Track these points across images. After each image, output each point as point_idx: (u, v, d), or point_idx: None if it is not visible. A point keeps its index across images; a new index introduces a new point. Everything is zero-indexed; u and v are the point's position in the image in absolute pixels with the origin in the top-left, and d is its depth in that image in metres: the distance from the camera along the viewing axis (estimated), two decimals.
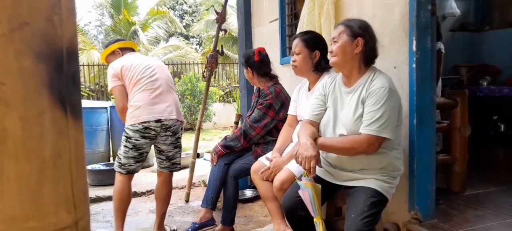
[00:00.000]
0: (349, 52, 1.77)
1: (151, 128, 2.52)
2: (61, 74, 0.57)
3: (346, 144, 1.73)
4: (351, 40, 1.76)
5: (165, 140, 2.67)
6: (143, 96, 2.52)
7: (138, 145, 2.54)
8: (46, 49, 0.56)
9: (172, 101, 2.65)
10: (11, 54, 0.53)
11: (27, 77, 0.54)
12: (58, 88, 0.57)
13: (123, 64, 2.58)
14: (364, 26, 1.79)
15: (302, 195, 1.75)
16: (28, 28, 0.54)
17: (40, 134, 0.55)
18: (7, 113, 0.53)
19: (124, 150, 2.54)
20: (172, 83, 2.77)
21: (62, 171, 0.59)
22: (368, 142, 1.67)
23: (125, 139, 2.53)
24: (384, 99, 1.67)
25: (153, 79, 2.58)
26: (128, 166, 2.56)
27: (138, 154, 2.57)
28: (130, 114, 2.52)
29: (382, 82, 1.71)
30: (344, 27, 1.80)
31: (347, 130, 1.76)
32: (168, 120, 2.57)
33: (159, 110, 2.53)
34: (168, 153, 2.74)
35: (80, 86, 0.63)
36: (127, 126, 2.53)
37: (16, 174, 0.54)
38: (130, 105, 2.54)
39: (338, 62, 1.81)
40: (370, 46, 1.78)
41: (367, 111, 1.70)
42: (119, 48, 2.77)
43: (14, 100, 0.53)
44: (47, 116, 0.56)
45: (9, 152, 0.54)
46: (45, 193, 0.57)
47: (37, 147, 0.55)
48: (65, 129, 0.58)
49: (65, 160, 0.59)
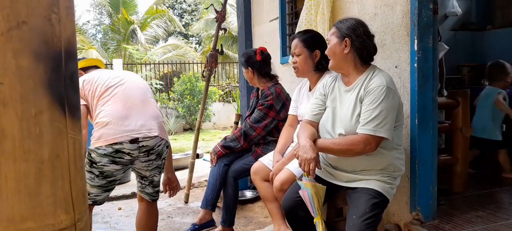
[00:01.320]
0: (339, 53, 1.80)
1: (125, 151, 1.91)
2: (59, 74, 0.57)
3: (343, 145, 1.72)
4: (340, 42, 1.79)
5: (148, 165, 2.08)
6: (111, 109, 1.94)
7: (106, 172, 1.94)
8: (45, 49, 0.55)
9: (151, 114, 2.04)
10: (9, 53, 0.52)
11: (25, 77, 0.54)
12: (56, 88, 0.56)
13: (84, 78, 2.08)
14: (352, 26, 1.80)
15: (302, 195, 1.75)
16: (26, 27, 0.53)
17: (38, 134, 0.55)
18: (5, 113, 0.52)
19: (88, 176, 1.92)
20: (151, 93, 2.20)
21: (61, 171, 0.58)
22: (365, 142, 1.66)
23: (89, 163, 1.91)
24: (381, 98, 1.66)
25: (123, 88, 2.03)
26: (95, 196, 1.98)
27: (108, 182, 1.98)
28: (94, 134, 1.93)
29: (381, 81, 1.71)
30: (335, 29, 1.84)
31: (345, 129, 1.76)
32: (148, 139, 1.95)
33: (134, 127, 1.93)
34: (153, 178, 2.15)
35: (78, 86, 0.62)
36: (90, 148, 1.93)
37: (14, 174, 0.54)
38: (95, 123, 1.96)
39: (332, 65, 1.86)
40: (359, 45, 1.77)
41: (364, 110, 1.70)
42: (80, 68, 2.19)
43: (12, 100, 0.53)
44: (46, 116, 0.55)
45: (7, 152, 0.53)
46: (43, 193, 0.57)
47: (35, 147, 0.55)
48: (64, 129, 0.58)
49: (63, 160, 0.58)
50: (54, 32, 0.58)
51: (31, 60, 0.56)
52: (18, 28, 0.54)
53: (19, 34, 0.54)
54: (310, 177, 1.70)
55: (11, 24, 0.53)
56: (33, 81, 0.56)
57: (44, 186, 0.58)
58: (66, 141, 0.60)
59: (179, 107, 9.49)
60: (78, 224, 0.63)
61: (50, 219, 0.58)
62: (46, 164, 0.58)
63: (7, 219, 0.55)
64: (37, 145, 0.57)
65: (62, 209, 0.60)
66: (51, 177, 0.59)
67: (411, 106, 2.12)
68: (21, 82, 0.55)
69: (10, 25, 0.53)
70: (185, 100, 9.38)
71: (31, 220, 0.57)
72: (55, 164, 0.60)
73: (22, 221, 0.56)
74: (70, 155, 0.62)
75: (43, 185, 0.58)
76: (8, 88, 0.54)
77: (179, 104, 9.58)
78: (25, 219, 0.57)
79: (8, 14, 0.53)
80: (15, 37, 0.54)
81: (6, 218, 0.55)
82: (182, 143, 7.61)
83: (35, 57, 0.56)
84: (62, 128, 0.59)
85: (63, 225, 0.60)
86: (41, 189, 0.58)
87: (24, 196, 0.56)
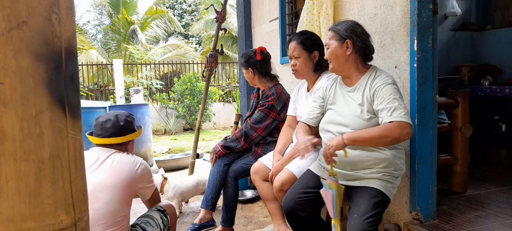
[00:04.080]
0: (341, 56, 1.82)
1: None
2: (60, 74, 0.57)
3: (376, 132, 1.68)
4: (341, 44, 1.81)
5: None
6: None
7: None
8: (45, 49, 0.55)
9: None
10: (9, 53, 0.52)
11: (26, 77, 0.54)
12: (57, 88, 0.56)
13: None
14: (351, 28, 1.82)
15: (324, 195, 1.71)
16: (27, 27, 0.53)
17: (39, 134, 0.55)
18: (5, 113, 0.52)
19: None
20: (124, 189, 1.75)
21: (61, 171, 0.58)
22: (401, 126, 1.64)
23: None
24: (395, 92, 1.71)
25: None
26: None
27: None
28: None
29: (387, 77, 1.77)
30: (332, 33, 1.85)
31: (352, 127, 1.77)
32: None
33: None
34: None
35: (78, 86, 0.62)
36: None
37: (15, 174, 0.54)
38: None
39: (334, 68, 1.87)
40: (361, 45, 1.81)
41: (385, 103, 1.70)
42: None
43: (13, 100, 0.53)
44: (46, 116, 0.55)
45: (7, 152, 0.53)
46: (43, 193, 0.57)
47: (35, 147, 0.55)
48: (64, 129, 0.58)
49: (64, 160, 0.58)
50: (54, 33, 0.58)
51: (31, 60, 0.56)
52: (19, 28, 0.54)
53: (20, 34, 0.55)
54: (334, 177, 1.70)
55: (11, 24, 0.53)
56: (34, 81, 0.56)
57: (44, 186, 0.58)
58: (67, 140, 0.60)
59: (179, 107, 9.50)
60: (79, 223, 0.63)
61: (51, 219, 0.58)
62: (47, 163, 0.58)
63: (7, 219, 0.55)
64: (38, 145, 0.57)
65: (62, 209, 0.60)
66: (52, 176, 0.59)
67: (411, 106, 2.12)
68: (22, 82, 0.55)
69: (10, 25, 0.53)
70: (185, 100, 9.38)
71: (32, 220, 0.57)
72: (56, 163, 0.60)
73: (23, 220, 0.56)
74: (70, 154, 0.62)
75: (43, 184, 0.58)
76: (8, 88, 0.54)
77: (179, 104, 9.59)
78: (25, 219, 0.57)
79: (8, 14, 0.53)
80: (16, 37, 0.54)
81: (6, 218, 0.55)
82: (182, 142, 7.61)
83: (35, 57, 0.56)
84: (63, 128, 0.59)
85: (64, 225, 0.60)
86: (42, 189, 0.58)
87: (25, 196, 0.56)
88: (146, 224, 1.86)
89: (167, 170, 4.77)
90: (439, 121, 2.63)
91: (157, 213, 1.94)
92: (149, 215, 1.93)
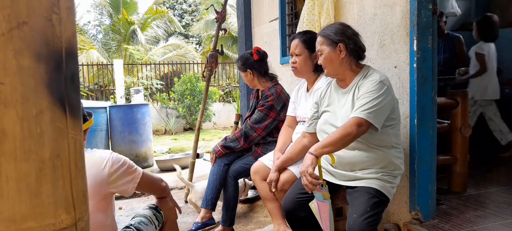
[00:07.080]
0: (335, 60, 1.82)
1: None
2: (60, 74, 0.57)
3: (337, 135, 1.68)
4: (333, 49, 1.81)
5: None
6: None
7: None
8: (45, 49, 0.55)
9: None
10: (10, 53, 0.52)
11: (26, 77, 0.54)
12: (57, 88, 0.56)
13: None
14: (340, 30, 1.82)
15: (317, 208, 1.67)
16: (27, 27, 0.54)
17: (39, 134, 0.55)
18: (6, 113, 0.53)
19: None
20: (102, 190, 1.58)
21: (61, 171, 0.58)
22: (357, 123, 1.65)
23: None
24: (372, 90, 1.69)
25: None
26: None
27: None
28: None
29: (375, 77, 1.75)
30: (323, 38, 1.85)
31: None
32: None
33: None
34: None
35: (79, 86, 0.63)
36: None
37: (15, 174, 0.54)
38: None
39: (330, 73, 1.88)
40: (353, 46, 1.81)
41: (360, 99, 1.72)
42: None
43: (13, 100, 0.53)
44: (46, 116, 0.55)
45: (8, 152, 0.53)
46: (44, 193, 0.57)
47: (36, 147, 0.55)
48: (64, 129, 0.58)
49: (64, 160, 0.58)
50: (55, 33, 0.58)
51: (32, 60, 0.56)
52: (19, 28, 0.55)
53: (20, 34, 0.55)
54: (325, 187, 1.67)
55: (12, 24, 0.53)
56: (34, 81, 0.56)
57: (44, 186, 0.58)
58: (67, 140, 0.61)
59: (180, 107, 9.50)
60: (79, 223, 0.63)
61: (51, 219, 0.59)
62: (47, 163, 0.58)
63: (8, 219, 0.55)
64: (38, 145, 0.57)
65: (62, 209, 0.60)
66: (52, 176, 0.59)
67: (410, 106, 2.12)
68: (22, 83, 0.55)
69: (11, 26, 0.54)
70: (185, 100, 9.39)
71: (32, 220, 0.57)
72: (56, 163, 0.60)
73: (23, 220, 0.56)
74: (70, 154, 0.62)
75: (43, 184, 0.59)
76: (9, 88, 0.54)
77: (179, 104, 9.59)
78: (25, 218, 0.57)
79: (8, 14, 0.53)
80: (16, 38, 0.54)
81: (7, 218, 0.55)
82: (182, 142, 7.61)
83: (36, 58, 0.56)
84: (63, 128, 0.59)
85: (64, 225, 0.60)
86: (42, 189, 0.58)
87: (25, 196, 0.57)
88: (140, 224, 1.84)
89: (167, 170, 4.78)
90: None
91: (150, 211, 1.91)
92: (142, 214, 1.90)
